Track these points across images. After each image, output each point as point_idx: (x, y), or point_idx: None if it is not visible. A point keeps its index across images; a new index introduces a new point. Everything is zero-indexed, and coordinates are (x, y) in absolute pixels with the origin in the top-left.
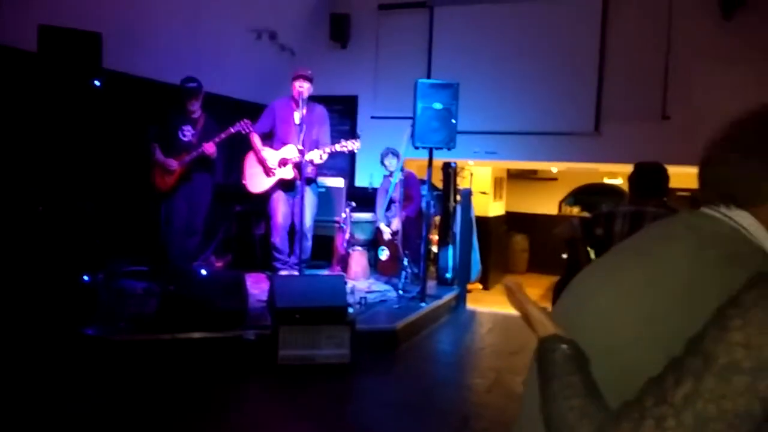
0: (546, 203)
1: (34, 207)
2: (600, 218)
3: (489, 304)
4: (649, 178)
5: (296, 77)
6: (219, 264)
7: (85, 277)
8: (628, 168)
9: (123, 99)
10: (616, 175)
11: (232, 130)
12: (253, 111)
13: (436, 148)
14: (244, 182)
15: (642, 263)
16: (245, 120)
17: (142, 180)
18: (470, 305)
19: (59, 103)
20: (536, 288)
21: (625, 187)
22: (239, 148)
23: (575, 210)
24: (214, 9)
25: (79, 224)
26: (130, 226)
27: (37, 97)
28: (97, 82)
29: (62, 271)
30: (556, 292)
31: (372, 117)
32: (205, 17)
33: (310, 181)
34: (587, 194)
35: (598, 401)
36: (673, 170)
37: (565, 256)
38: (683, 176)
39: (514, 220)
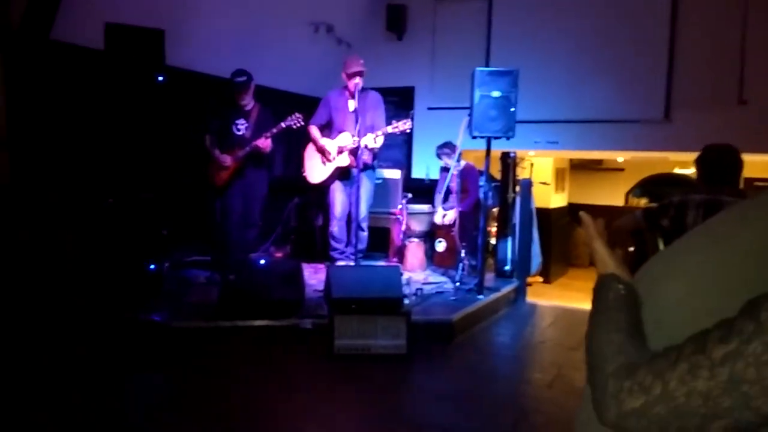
0: (611, 195)
1: (104, 199)
2: (668, 208)
3: (550, 298)
4: (721, 162)
5: (351, 74)
6: (278, 255)
7: (152, 266)
8: None
9: (183, 94)
10: (688, 164)
11: (283, 125)
12: (311, 105)
13: (495, 138)
14: (303, 174)
15: (716, 246)
16: (296, 114)
17: (203, 173)
18: (530, 299)
19: (125, 99)
20: None
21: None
22: (297, 140)
23: (643, 202)
24: (271, 3)
25: (146, 215)
26: (193, 217)
27: (105, 93)
28: (160, 78)
29: (130, 260)
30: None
31: (429, 108)
32: (262, 12)
33: (367, 168)
34: (656, 185)
35: (639, 340)
36: (749, 158)
37: (632, 249)
38: (761, 165)
39: (577, 212)
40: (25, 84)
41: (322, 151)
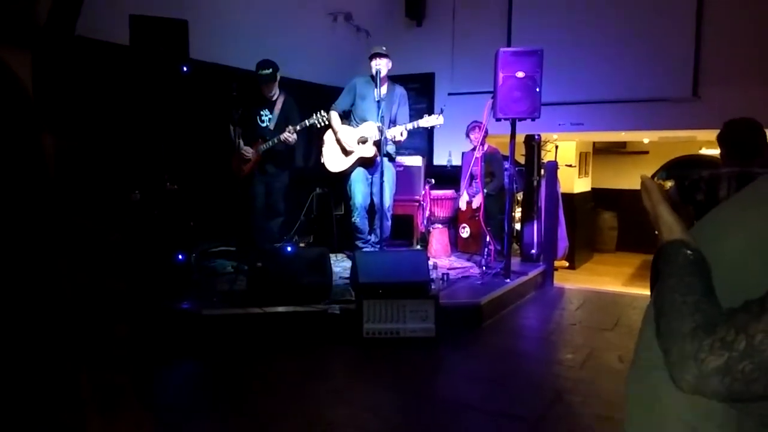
0: (636, 178)
1: (132, 192)
2: (700, 183)
3: (578, 284)
4: (748, 135)
5: (372, 56)
6: (301, 245)
7: (180, 257)
8: None
9: (206, 86)
10: (715, 144)
11: (307, 122)
12: (331, 95)
13: (519, 119)
14: (322, 161)
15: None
16: (322, 112)
17: (227, 164)
18: (557, 283)
19: (151, 91)
20: (627, 267)
21: None
22: (319, 133)
23: (668, 185)
24: None
25: (172, 207)
26: (218, 208)
27: (130, 85)
28: (185, 68)
29: (158, 251)
30: (655, 270)
31: (449, 94)
32: (280, 2)
33: (390, 159)
34: (682, 167)
35: (714, 302)
36: None
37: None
38: None
39: (601, 197)
40: (53, 81)
41: (340, 142)
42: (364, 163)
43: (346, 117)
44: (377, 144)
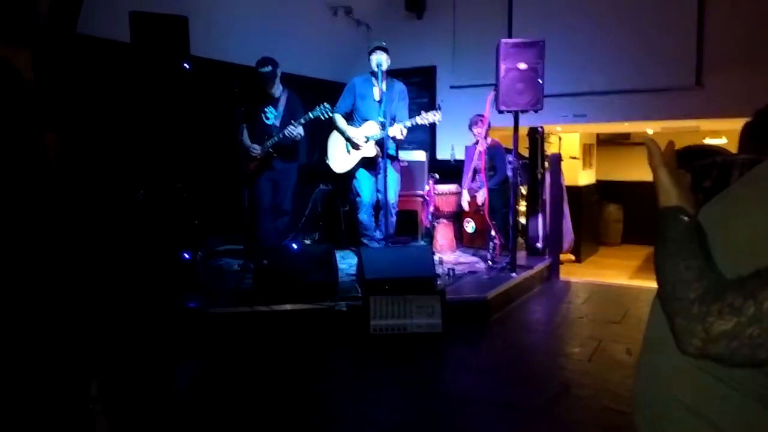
0: (640, 170)
1: (137, 191)
2: (712, 168)
3: (584, 277)
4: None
5: (372, 50)
6: (307, 242)
7: (186, 255)
8: (734, 124)
9: (207, 84)
10: (720, 134)
11: (311, 115)
12: (332, 90)
13: (522, 112)
14: (327, 162)
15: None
16: (325, 104)
17: (233, 162)
18: (563, 276)
19: (152, 89)
20: (633, 260)
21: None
22: (321, 128)
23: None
24: None
25: (178, 206)
26: (223, 206)
27: (132, 83)
28: (186, 65)
29: (164, 250)
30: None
31: (451, 87)
32: None
33: (393, 158)
34: (686, 158)
35: (714, 267)
36: None
37: None
38: None
39: (605, 189)
40: (55, 79)
41: (346, 141)
42: (368, 162)
43: (348, 118)
44: (379, 143)
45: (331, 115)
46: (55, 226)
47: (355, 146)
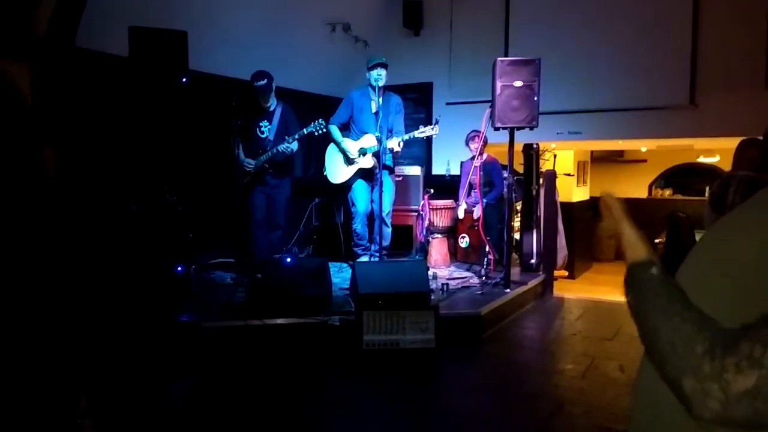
0: (634, 187)
1: (130, 204)
2: (712, 185)
3: (577, 293)
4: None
5: (373, 66)
6: (302, 256)
7: (179, 269)
8: (728, 142)
9: (205, 98)
10: (713, 152)
11: (305, 131)
12: (329, 104)
13: (518, 128)
14: (324, 174)
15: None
16: (320, 120)
17: (227, 175)
18: (557, 293)
19: (150, 103)
20: None
21: (723, 166)
22: (317, 141)
23: (667, 193)
24: (288, 4)
25: (171, 219)
26: (218, 220)
27: (130, 97)
28: (184, 80)
29: (157, 263)
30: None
31: (447, 103)
32: (278, 13)
33: (389, 168)
34: (680, 175)
35: (708, 318)
36: None
37: (658, 240)
38: None
39: (599, 206)
40: (53, 92)
41: (342, 154)
42: (365, 174)
43: (346, 130)
44: (376, 155)
45: (325, 130)
46: (51, 240)
47: (349, 160)
